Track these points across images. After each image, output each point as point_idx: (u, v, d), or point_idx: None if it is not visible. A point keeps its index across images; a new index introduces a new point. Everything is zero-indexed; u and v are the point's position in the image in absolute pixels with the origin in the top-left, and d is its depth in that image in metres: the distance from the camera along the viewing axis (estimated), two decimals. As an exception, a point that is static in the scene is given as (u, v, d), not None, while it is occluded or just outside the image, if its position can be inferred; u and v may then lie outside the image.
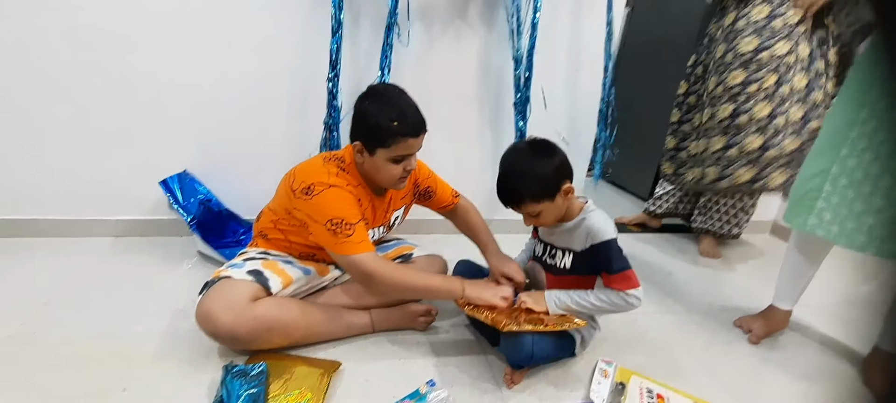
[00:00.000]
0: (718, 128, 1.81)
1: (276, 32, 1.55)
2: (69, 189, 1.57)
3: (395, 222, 1.33)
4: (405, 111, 1.06)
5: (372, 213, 1.20)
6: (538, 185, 1.04)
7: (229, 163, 1.67)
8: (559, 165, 1.06)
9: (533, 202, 1.05)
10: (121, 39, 1.45)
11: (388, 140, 1.04)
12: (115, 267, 1.47)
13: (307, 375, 1.03)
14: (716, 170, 1.85)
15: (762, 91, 1.72)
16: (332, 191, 1.07)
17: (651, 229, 2.34)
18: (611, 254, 1.08)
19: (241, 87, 1.59)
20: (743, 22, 1.74)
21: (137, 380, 1.01)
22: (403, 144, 1.05)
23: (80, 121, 1.50)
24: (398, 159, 1.08)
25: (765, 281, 1.88)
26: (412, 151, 1.10)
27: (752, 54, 1.72)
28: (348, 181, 1.12)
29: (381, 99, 1.07)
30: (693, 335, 1.43)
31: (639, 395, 1.10)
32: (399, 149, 1.06)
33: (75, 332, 1.14)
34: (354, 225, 1.07)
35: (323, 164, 1.12)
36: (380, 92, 1.10)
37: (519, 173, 1.05)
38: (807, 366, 1.33)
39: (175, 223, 1.68)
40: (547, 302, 1.12)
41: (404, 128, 1.04)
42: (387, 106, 1.05)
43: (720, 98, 1.79)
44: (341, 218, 1.06)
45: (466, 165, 1.90)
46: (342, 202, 1.07)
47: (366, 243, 1.08)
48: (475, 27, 1.70)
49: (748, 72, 1.73)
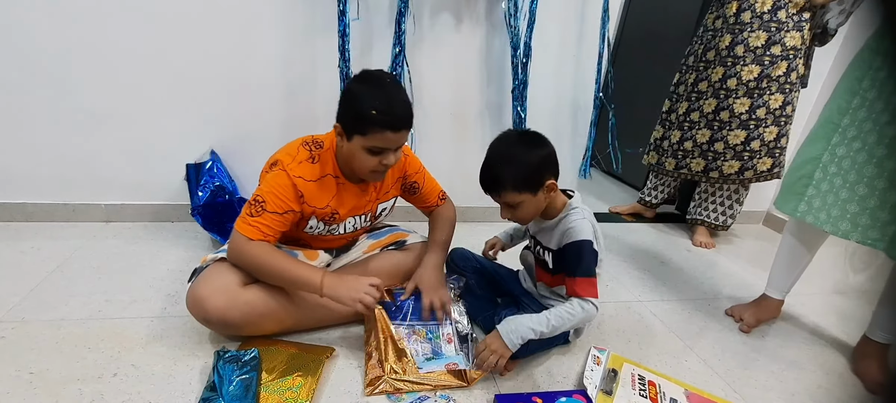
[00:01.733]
0: (737, 121, 1.83)
1: (268, 11, 1.51)
2: (58, 172, 1.55)
3: (382, 213, 1.29)
4: (391, 102, 0.99)
5: (346, 203, 1.16)
6: (521, 175, 1.01)
7: (220, 146, 1.65)
8: (545, 158, 1.03)
9: (513, 192, 1.02)
10: (105, 17, 1.41)
11: (367, 128, 0.99)
12: (105, 252, 1.45)
13: (300, 361, 1.02)
14: (738, 163, 1.88)
15: (775, 81, 1.75)
16: (281, 174, 1.04)
17: (645, 219, 2.34)
18: (580, 256, 1.05)
19: (232, 67, 1.55)
20: (748, 14, 1.75)
21: (128, 365, 1.00)
22: (381, 136, 0.99)
23: (66, 102, 1.47)
24: (374, 151, 1.02)
25: (757, 270, 1.89)
26: (389, 146, 1.02)
27: (762, 48, 1.74)
28: (311, 174, 1.07)
29: (371, 83, 1.01)
30: (685, 323, 1.44)
31: (631, 382, 1.11)
32: (376, 141, 1.00)
33: (64, 316, 1.13)
34: (265, 212, 1.02)
35: (298, 147, 1.10)
36: (372, 76, 1.04)
37: (504, 160, 1.03)
38: (798, 354, 1.34)
39: (166, 207, 1.67)
40: (505, 340, 1.01)
41: (385, 119, 0.98)
42: (374, 92, 0.99)
43: (735, 92, 1.80)
44: (264, 200, 1.03)
45: (466, 153, 1.89)
46: (278, 186, 1.03)
47: (256, 230, 1.02)
48: (476, 14, 1.68)
49: (762, 67, 1.76)
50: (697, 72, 1.92)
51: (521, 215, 1.08)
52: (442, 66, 1.73)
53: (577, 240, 1.06)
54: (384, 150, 1.03)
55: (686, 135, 1.96)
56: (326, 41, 1.54)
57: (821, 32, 1.80)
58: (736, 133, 1.84)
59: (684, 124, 1.97)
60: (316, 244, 1.24)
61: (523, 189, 1.02)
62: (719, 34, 1.83)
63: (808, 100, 2.17)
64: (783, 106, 1.79)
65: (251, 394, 0.90)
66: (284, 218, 1.06)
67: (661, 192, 2.26)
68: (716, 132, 1.87)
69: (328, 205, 1.12)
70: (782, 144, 1.86)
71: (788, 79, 1.76)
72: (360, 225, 1.25)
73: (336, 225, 1.18)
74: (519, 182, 1.02)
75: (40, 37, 1.39)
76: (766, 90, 1.77)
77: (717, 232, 2.15)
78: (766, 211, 2.50)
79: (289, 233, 1.18)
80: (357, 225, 1.24)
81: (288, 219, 1.07)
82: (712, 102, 1.86)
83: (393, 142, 1.02)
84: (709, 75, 1.87)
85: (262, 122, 1.64)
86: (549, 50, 1.80)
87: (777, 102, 1.78)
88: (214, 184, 1.53)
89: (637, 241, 2.05)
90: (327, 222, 1.15)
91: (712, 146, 1.89)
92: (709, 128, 1.89)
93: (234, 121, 1.62)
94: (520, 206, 1.05)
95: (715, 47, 1.85)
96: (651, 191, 2.29)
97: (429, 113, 1.74)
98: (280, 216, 1.05)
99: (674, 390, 1.11)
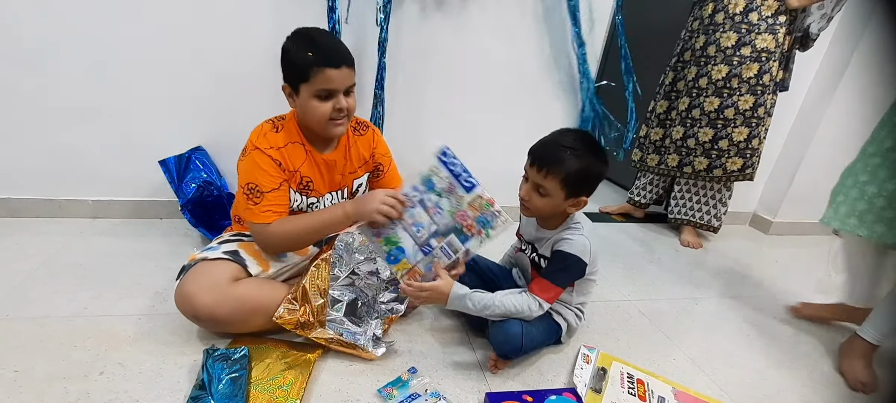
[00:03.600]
0: (707, 119, 1.88)
1: (258, 6, 1.50)
2: (44, 167, 1.52)
3: (358, 190, 1.28)
4: (321, 42, 1.03)
5: (318, 173, 1.17)
6: (575, 173, 1.01)
7: (208, 142, 1.63)
8: (594, 176, 1.04)
9: (557, 182, 1.01)
10: (92, 12, 1.39)
11: (306, 72, 1.01)
12: (91, 248, 1.43)
13: (290, 360, 1.02)
14: (706, 161, 1.94)
15: (745, 83, 1.78)
16: (255, 153, 1.06)
17: (635, 218, 2.36)
18: (563, 266, 1.07)
19: (220, 63, 1.54)
20: (721, 15, 1.79)
21: (115, 363, 0.99)
22: (322, 76, 1.01)
23: (53, 97, 1.45)
24: (322, 95, 1.04)
25: (744, 270, 1.92)
26: (334, 85, 1.03)
27: (732, 49, 1.78)
28: (278, 141, 1.09)
29: (301, 35, 1.04)
30: (674, 322, 1.45)
31: (620, 380, 1.12)
32: (319, 82, 1.02)
33: (50, 314, 1.11)
34: (266, 194, 1.06)
35: (262, 124, 1.12)
36: (301, 31, 1.06)
37: (573, 149, 1.01)
38: (786, 353, 1.37)
39: (153, 204, 1.65)
40: (449, 297, 1.04)
41: (320, 58, 1.00)
42: (305, 40, 1.03)
43: (705, 90, 1.84)
44: (256, 184, 1.06)
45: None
46: (260, 166, 1.06)
47: (270, 213, 1.07)
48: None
49: (731, 67, 1.80)
50: (675, 72, 1.99)
51: (540, 205, 1.06)
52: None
53: (567, 252, 1.06)
54: (332, 92, 1.04)
55: (667, 132, 2.02)
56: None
57: (802, 37, 1.84)
58: (705, 131, 1.90)
59: (665, 122, 2.04)
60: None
61: (566, 184, 1.02)
62: (696, 35, 1.90)
63: (791, 104, 2.21)
64: (754, 108, 1.83)
65: (241, 393, 0.89)
66: (282, 191, 1.09)
67: (650, 192, 2.28)
68: (689, 129, 1.94)
69: (298, 171, 1.13)
70: (754, 146, 1.90)
71: (760, 81, 1.79)
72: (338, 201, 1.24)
73: (316, 201, 1.19)
74: (570, 176, 1.01)
75: (26, 32, 1.37)
76: (735, 91, 1.82)
77: (705, 233, 2.18)
78: (753, 212, 2.53)
79: None
80: (335, 202, 1.24)
81: (285, 191, 1.11)
82: (686, 100, 1.93)
83: (337, 80, 1.03)
84: (685, 74, 1.94)
85: (251, 118, 1.61)
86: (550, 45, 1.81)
87: (747, 104, 1.82)
88: (202, 178, 1.51)
89: (626, 241, 2.07)
90: (305, 193, 1.16)
91: (686, 142, 1.96)
92: (682, 125, 1.96)
93: (223, 117, 1.61)
94: (547, 197, 1.04)
95: (691, 47, 1.91)
96: (640, 190, 2.31)
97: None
98: (278, 190, 1.08)
99: (662, 388, 1.12)
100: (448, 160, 1.03)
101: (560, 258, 1.07)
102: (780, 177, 2.39)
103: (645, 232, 2.21)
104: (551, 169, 1.01)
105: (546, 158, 1.02)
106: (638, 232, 2.21)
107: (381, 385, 1.02)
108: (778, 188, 2.40)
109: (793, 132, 2.32)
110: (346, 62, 1.04)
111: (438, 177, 1.03)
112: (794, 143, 2.31)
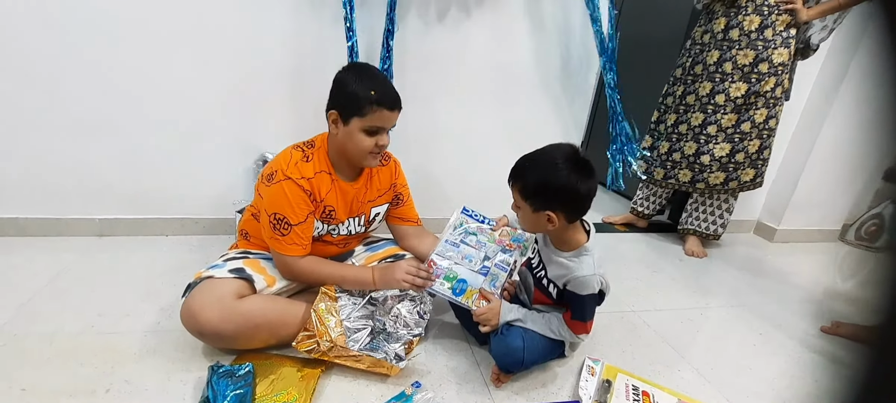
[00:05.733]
0: (724, 135, 1.89)
1: (261, 23, 1.52)
2: (51, 185, 1.54)
3: (375, 218, 1.31)
4: (384, 84, 1.10)
5: (341, 201, 1.19)
6: (532, 185, 1.02)
7: (214, 158, 1.65)
8: (562, 191, 0.99)
9: (520, 193, 1.04)
10: (100, 31, 1.41)
11: (365, 108, 1.06)
12: (98, 265, 1.45)
13: (294, 375, 1.02)
14: (723, 175, 1.95)
15: (762, 97, 1.81)
16: (286, 183, 1.08)
17: (638, 229, 2.36)
18: (583, 306, 1.09)
19: (227, 80, 1.56)
20: (736, 31, 1.79)
21: (121, 380, 0.99)
22: (379, 115, 1.07)
23: (59, 115, 1.47)
24: (372, 131, 1.09)
25: (750, 278, 1.91)
26: (386, 125, 1.11)
27: (750, 66, 1.79)
28: (308, 171, 1.11)
29: (363, 70, 1.12)
30: (680, 333, 1.45)
31: (625, 392, 1.12)
32: (374, 120, 1.07)
33: (57, 330, 1.12)
34: (293, 227, 1.10)
35: (291, 151, 1.14)
36: (361, 66, 1.17)
37: (536, 161, 1.03)
38: (794, 364, 1.36)
39: (159, 221, 1.66)
40: (501, 317, 1.11)
41: (382, 99, 1.06)
42: (366, 77, 1.08)
43: (723, 107, 1.85)
44: (284, 216, 1.09)
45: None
46: (290, 198, 1.09)
47: (297, 247, 1.12)
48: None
49: (750, 84, 1.81)
50: (686, 85, 1.97)
51: (521, 219, 1.11)
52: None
53: (581, 294, 1.07)
54: (380, 130, 1.10)
55: (675, 146, 2.00)
56: (331, 54, 1.55)
57: (804, 47, 1.85)
58: (722, 146, 1.90)
59: (672, 135, 2.01)
60: (314, 252, 1.24)
61: (527, 197, 1.03)
62: (707, 49, 1.88)
63: (792, 112, 2.22)
64: (767, 120, 1.85)
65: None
66: (309, 223, 1.14)
67: (652, 202, 2.28)
68: (702, 145, 1.93)
69: (324, 201, 1.16)
70: (765, 156, 1.93)
71: (774, 94, 1.82)
72: (354, 230, 1.27)
73: (336, 226, 1.22)
74: (528, 188, 1.03)
75: (34, 49, 1.39)
76: (753, 105, 1.83)
77: (708, 241, 2.17)
78: (757, 219, 2.53)
79: None
80: (352, 230, 1.26)
81: (311, 223, 1.15)
82: (700, 116, 1.91)
83: (389, 120, 1.11)
84: (696, 89, 1.92)
85: (259, 136, 1.64)
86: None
87: (761, 116, 1.84)
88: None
89: (630, 251, 2.07)
90: (326, 221, 1.19)
91: (699, 158, 1.95)
92: (695, 140, 1.94)
93: (231, 135, 1.63)
94: (520, 210, 1.07)
95: (703, 61, 1.89)
96: (643, 201, 2.31)
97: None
98: (305, 224, 1.12)
99: (668, 400, 1.11)
100: (471, 212, 1.32)
101: (577, 300, 1.09)
102: (782, 184, 2.38)
103: (648, 242, 2.21)
104: (514, 181, 1.06)
105: (513, 171, 1.06)
106: (641, 242, 2.21)
107: (385, 400, 1.01)
108: (781, 195, 2.39)
109: (794, 140, 2.32)
110: (399, 106, 1.11)
111: (467, 224, 1.29)
112: (795, 151, 2.32)
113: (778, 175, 2.39)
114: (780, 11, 1.73)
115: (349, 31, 1.47)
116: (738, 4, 1.78)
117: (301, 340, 1.05)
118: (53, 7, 1.37)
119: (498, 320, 1.11)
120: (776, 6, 1.73)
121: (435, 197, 1.84)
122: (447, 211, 1.43)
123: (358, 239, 1.35)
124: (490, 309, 1.12)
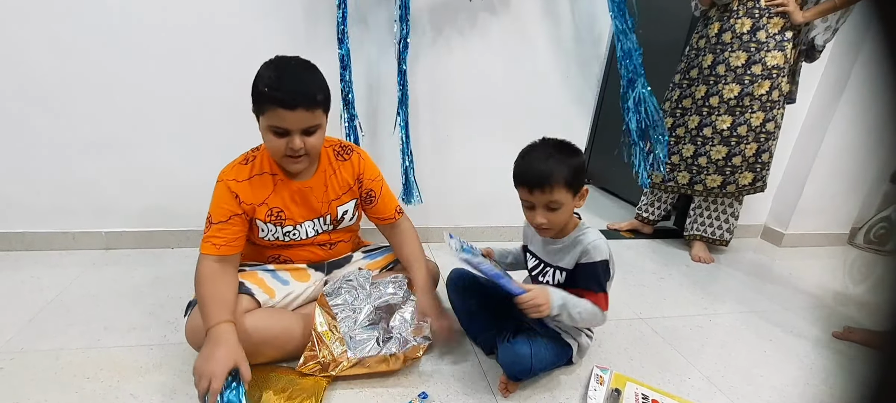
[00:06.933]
0: (719, 137, 1.90)
1: (261, 41, 1.53)
2: (57, 200, 1.56)
3: (344, 217, 1.25)
4: (284, 78, 0.97)
5: (293, 201, 1.15)
6: (571, 173, 1.02)
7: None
8: (584, 165, 1.07)
9: (563, 188, 1.02)
10: (104, 47, 1.43)
11: (263, 105, 0.99)
12: (104, 279, 1.45)
13: (300, 386, 1.02)
14: (720, 178, 1.95)
15: (757, 100, 1.81)
16: (218, 185, 1.09)
17: (643, 235, 2.35)
18: (599, 274, 1.08)
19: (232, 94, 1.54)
20: (728, 34, 1.80)
21: (127, 395, 0.99)
22: (274, 114, 0.98)
23: (66, 130, 1.49)
24: (278, 131, 1.00)
25: (758, 284, 1.90)
26: (286, 124, 0.99)
27: (743, 68, 1.80)
28: (242, 174, 1.10)
29: (272, 63, 1.01)
30: (689, 340, 1.43)
31: (634, 401, 1.10)
32: (273, 119, 0.98)
33: (63, 346, 1.12)
34: (213, 225, 1.07)
35: (237, 157, 1.15)
36: (274, 61, 1.02)
37: (553, 158, 1.03)
38: (805, 370, 1.34)
39: (165, 234, 1.67)
40: (551, 299, 1.03)
41: (274, 95, 0.96)
42: (271, 70, 0.98)
43: (716, 109, 1.85)
44: (209, 215, 1.08)
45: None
46: (217, 198, 1.09)
47: (209, 244, 1.05)
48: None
49: (743, 86, 1.82)
50: (681, 89, 2.00)
51: (558, 218, 1.06)
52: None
53: (598, 261, 1.07)
54: (285, 132, 1.01)
55: (672, 149, 2.01)
56: (328, 65, 1.55)
57: (808, 49, 1.85)
58: (718, 149, 1.91)
59: (671, 139, 2.02)
60: (296, 258, 1.23)
61: (569, 188, 1.03)
62: (702, 53, 1.91)
63: (797, 116, 2.21)
64: (763, 123, 1.85)
65: (252, 422, 0.89)
66: (230, 225, 1.08)
67: (657, 208, 2.27)
68: (699, 147, 1.95)
69: (264, 203, 1.12)
70: (763, 159, 1.92)
71: (770, 97, 1.81)
72: (321, 230, 1.22)
73: (292, 229, 1.17)
74: (570, 179, 1.02)
75: (39, 66, 1.41)
76: (747, 108, 1.83)
77: (716, 247, 2.16)
78: (764, 224, 2.51)
79: (259, 246, 1.19)
80: (318, 229, 1.21)
81: (235, 225, 1.08)
82: (696, 119, 1.94)
83: (289, 120, 0.99)
84: (692, 92, 1.94)
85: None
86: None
87: (758, 120, 1.84)
88: None
89: (636, 258, 2.05)
90: (277, 223, 1.14)
91: (696, 160, 1.97)
92: (693, 143, 1.96)
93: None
94: (561, 208, 1.05)
95: (698, 66, 1.92)
96: (647, 207, 2.30)
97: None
98: (225, 223, 1.07)
99: (677, 408, 1.10)
100: (460, 241, 1.20)
101: (595, 270, 1.08)
102: (788, 188, 2.37)
103: (655, 249, 2.19)
104: (553, 183, 1.02)
105: (541, 176, 1.03)
106: (647, 248, 2.20)
107: (392, 411, 1.01)
108: (788, 200, 2.38)
109: (799, 144, 2.31)
110: (303, 104, 0.98)
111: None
112: (801, 155, 2.30)
113: (784, 179, 2.38)
114: (772, 14, 1.74)
115: (340, 41, 1.47)
116: (730, 8, 1.80)
117: (304, 362, 1.05)
118: (60, 29, 1.39)
119: (549, 303, 1.02)
120: (767, 9, 1.74)
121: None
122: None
123: (349, 242, 1.32)
124: (540, 292, 1.03)
